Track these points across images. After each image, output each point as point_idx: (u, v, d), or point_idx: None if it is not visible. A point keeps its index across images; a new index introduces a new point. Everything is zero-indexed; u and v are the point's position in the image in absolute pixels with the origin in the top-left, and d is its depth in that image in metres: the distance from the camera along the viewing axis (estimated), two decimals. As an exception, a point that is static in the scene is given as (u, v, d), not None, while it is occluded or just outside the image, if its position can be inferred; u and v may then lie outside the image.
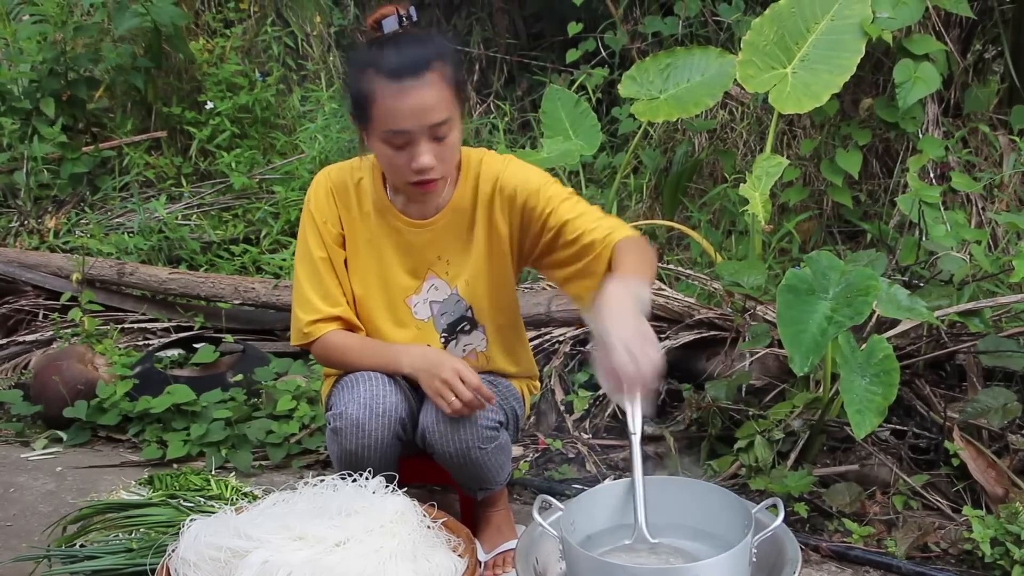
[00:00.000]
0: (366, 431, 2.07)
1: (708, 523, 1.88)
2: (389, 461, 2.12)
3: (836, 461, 2.68)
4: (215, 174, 5.20)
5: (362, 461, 2.08)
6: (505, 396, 2.25)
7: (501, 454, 2.17)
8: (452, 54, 1.98)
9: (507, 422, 2.22)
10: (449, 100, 1.94)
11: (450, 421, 2.06)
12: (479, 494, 2.27)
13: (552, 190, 2.09)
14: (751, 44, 3.53)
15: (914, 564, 2.29)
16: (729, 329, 3.05)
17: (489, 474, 2.18)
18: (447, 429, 2.06)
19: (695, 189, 4.37)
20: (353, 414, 2.06)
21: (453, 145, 1.99)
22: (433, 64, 1.92)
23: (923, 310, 2.44)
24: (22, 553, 2.34)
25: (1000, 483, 2.45)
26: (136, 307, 3.98)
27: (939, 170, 3.82)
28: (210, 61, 5.49)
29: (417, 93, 1.90)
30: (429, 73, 1.91)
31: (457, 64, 1.99)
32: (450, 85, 1.95)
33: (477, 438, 2.08)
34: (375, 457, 2.09)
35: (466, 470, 2.14)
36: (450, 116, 1.95)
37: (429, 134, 1.94)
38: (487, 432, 2.09)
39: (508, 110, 5.42)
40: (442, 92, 1.93)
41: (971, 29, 4.04)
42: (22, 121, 5.07)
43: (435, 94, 1.92)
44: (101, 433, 3.24)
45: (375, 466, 2.05)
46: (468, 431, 2.07)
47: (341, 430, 2.08)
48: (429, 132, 1.94)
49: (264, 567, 1.70)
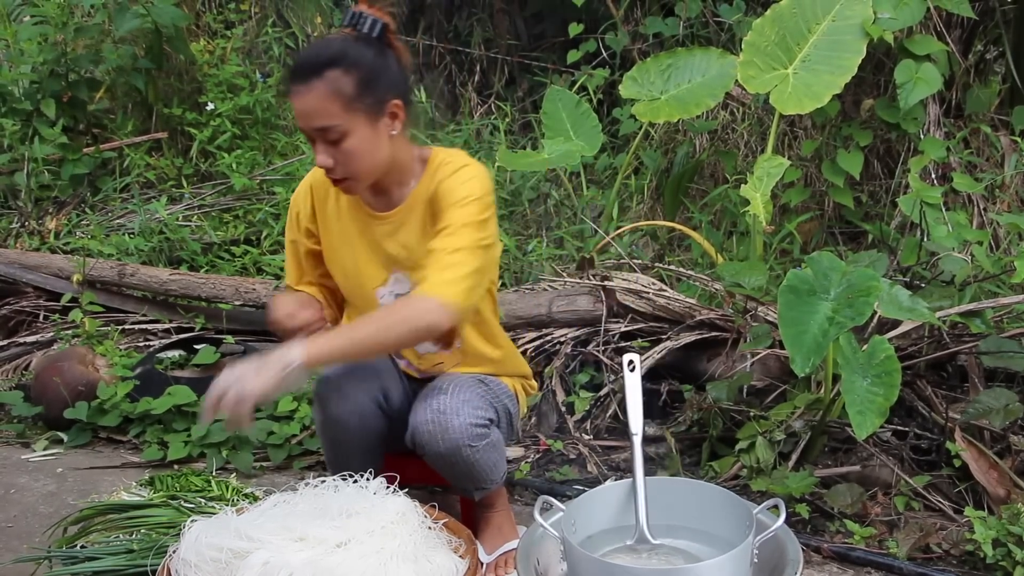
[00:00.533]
0: (346, 394, 2.15)
1: (709, 524, 1.88)
2: (369, 438, 2.18)
3: (837, 462, 2.67)
4: (216, 175, 5.20)
5: (341, 431, 2.16)
6: (497, 394, 2.25)
7: (493, 452, 2.17)
8: (360, 63, 2.00)
9: (498, 420, 2.23)
10: (337, 109, 1.98)
11: (439, 421, 2.07)
12: (476, 494, 2.26)
13: (454, 215, 2.05)
14: (752, 45, 3.53)
15: (915, 565, 2.29)
16: (730, 330, 3.05)
17: (482, 473, 2.17)
18: (436, 428, 2.07)
19: (696, 190, 4.37)
20: (335, 378, 2.17)
21: (351, 151, 2.02)
22: (324, 72, 1.97)
23: (924, 311, 2.44)
24: (23, 554, 2.34)
25: (1002, 484, 2.45)
26: (137, 308, 3.98)
27: (940, 171, 3.82)
28: (211, 62, 5.49)
29: (301, 98, 1.99)
30: (317, 80, 1.97)
31: (367, 74, 2.00)
32: (343, 94, 1.98)
33: (467, 436, 2.08)
34: (357, 426, 2.16)
35: (458, 469, 2.14)
36: (338, 124, 1.99)
37: (320, 137, 2.01)
38: (476, 429, 2.09)
39: (509, 111, 5.42)
40: (327, 100, 1.97)
41: (972, 29, 4.04)
42: (23, 122, 5.07)
43: (317, 102, 1.98)
44: (102, 434, 3.24)
45: (357, 439, 2.15)
46: (457, 429, 2.07)
47: (324, 395, 2.17)
48: (318, 135, 2.01)
49: (265, 568, 1.70)
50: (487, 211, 2.07)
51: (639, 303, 3.22)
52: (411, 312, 1.96)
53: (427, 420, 2.08)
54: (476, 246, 2.02)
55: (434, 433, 2.07)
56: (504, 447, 2.25)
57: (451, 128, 5.40)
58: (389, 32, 2.06)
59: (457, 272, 1.98)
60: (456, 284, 1.97)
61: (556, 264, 3.91)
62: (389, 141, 2.07)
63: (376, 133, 2.04)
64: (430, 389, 2.14)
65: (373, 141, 2.04)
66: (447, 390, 2.11)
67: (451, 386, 2.12)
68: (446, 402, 2.08)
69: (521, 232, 4.41)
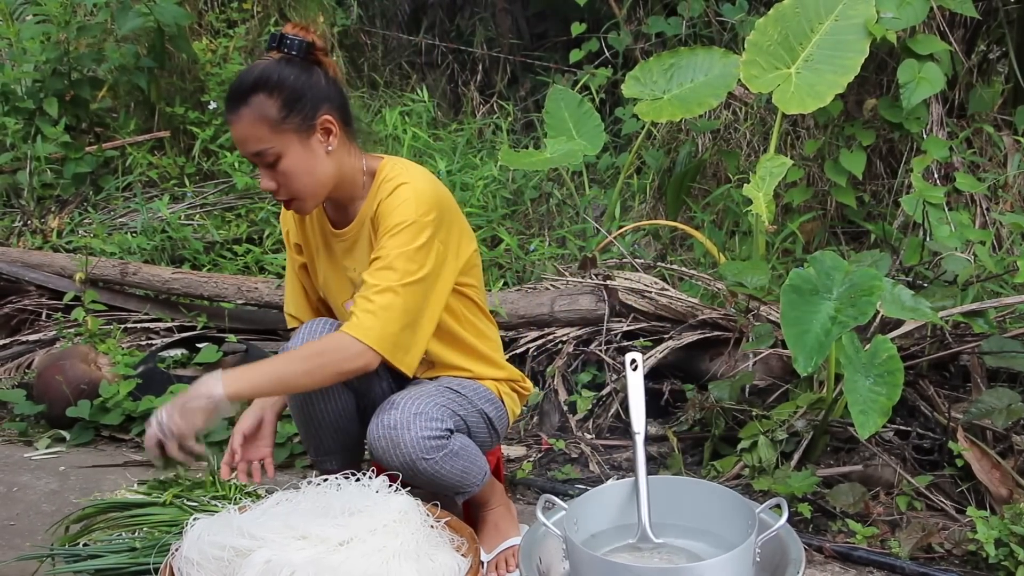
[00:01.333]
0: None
1: (712, 523, 1.88)
2: (337, 413, 2.22)
3: (840, 461, 2.67)
4: (218, 174, 5.20)
5: (315, 408, 2.20)
6: (470, 399, 2.20)
7: (457, 459, 2.09)
8: (283, 85, 2.00)
9: (467, 427, 2.18)
10: (266, 132, 2.00)
11: (389, 436, 2.02)
12: (458, 498, 2.21)
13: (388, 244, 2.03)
14: (755, 44, 3.53)
15: (918, 565, 2.29)
16: (732, 329, 3.05)
17: (448, 481, 2.10)
18: (388, 444, 2.02)
19: (698, 189, 4.37)
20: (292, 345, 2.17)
21: (288, 171, 2.03)
22: (249, 98, 1.99)
23: (927, 310, 2.43)
24: (25, 552, 2.35)
25: (1004, 484, 2.45)
26: (139, 307, 3.98)
27: (943, 170, 3.82)
28: (213, 61, 5.49)
29: (234, 126, 2.03)
30: (243, 108, 2.00)
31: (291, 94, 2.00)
32: (269, 117, 1.99)
33: (419, 449, 2.01)
34: (327, 407, 2.20)
35: (420, 480, 2.07)
36: (269, 147, 2.00)
37: (258, 161, 2.04)
38: (429, 442, 2.03)
39: (511, 110, 5.42)
40: (255, 125, 2.00)
41: (975, 29, 4.03)
42: (25, 121, 5.07)
43: (246, 128, 2.01)
44: (104, 433, 3.24)
45: (328, 418, 2.20)
46: (408, 444, 2.01)
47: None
48: (256, 160, 2.04)
49: (267, 566, 1.70)
50: (422, 234, 2.02)
51: (641, 302, 3.22)
52: (338, 356, 1.97)
53: (379, 436, 2.03)
54: (407, 282, 1.99)
55: (386, 449, 2.03)
56: (476, 452, 2.17)
57: (453, 127, 5.40)
58: (316, 50, 2.07)
59: (386, 316, 1.97)
60: (384, 327, 1.97)
61: (558, 263, 3.90)
62: (328, 157, 2.07)
63: (310, 151, 2.04)
64: (385, 404, 2.08)
65: (308, 160, 2.04)
66: (399, 404, 2.05)
67: (404, 400, 2.06)
68: (396, 417, 2.02)
69: (523, 231, 4.42)
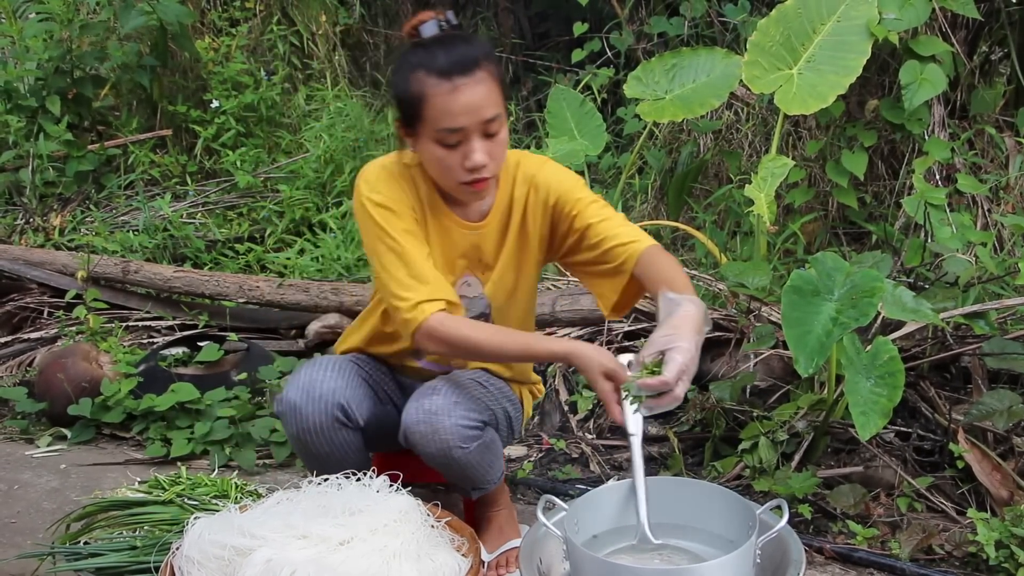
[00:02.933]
0: (303, 415, 2.10)
1: (712, 524, 1.88)
2: (343, 450, 2.14)
3: (840, 463, 2.67)
4: (220, 173, 5.21)
5: (310, 447, 2.12)
6: (496, 397, 2.22)
7: (487, 453, 2.15)
8: (494, 54, 2.04)
9: (496, 423, 2.20)
10: (498, 97, 1.99)
11: (429, 421, 2.05)
12: (473, 494, 2.25)
13: (581, 193, 2.13)
14: (757, 45, 3.53)
15: (918, 566, 2.29)
16: (734, 330, 3.05)
17: (476, 473, 2.15)
18: (427, 430, 2.05)
19: (700, 190, 4.37)
20: (290, 398, 2.11)
21: (503, 142, 2.03)
22: (482, 62, 1.97)
23: (928, 312, 2.43)
24: (26, 550, 2.35)
25: (1005, 485, 2.45)
26: (141, 305, 3.98)
27: (945, 172, 3.81)
28: (215, 60, 5.49)
29: (470, 90, 1.94)
30: (479, 71, 1.95)
31: (499, 64, 2.04)
32: (497, 82, 2.00)
33: (457, 437, 2.05)
34: (321, 443, 2.12)
35: (452, 470, 2.12)
36: (500, 112, 1.99)
37: (481, 130, 1.97)
38: (467, 431, 2.06)
39: (513, 110, 5.42)
40: (492, 89, 1.98)
41: (978, 30, 4.03)
42: (28, 119, 5.08)
43: (486, 90, 1.96)
44: (105, 431, 3.25)
45: (327, 454, 2.11)
46: (447, 431, 2.04)
47: (283, 414, 2.13)
48: (482, 128, 1.97)
49: (268, 565, 1.70)
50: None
51: (642, 303, 3.22)
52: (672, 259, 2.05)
53: (418, 421, 2.05)
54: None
55: (425, 434, 2.05)
56: (501, 448, 2.24)
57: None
58: None
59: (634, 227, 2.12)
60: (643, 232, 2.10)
61: (560, 263, 3.90)
62: None
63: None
64: (424, 388, 2.11)
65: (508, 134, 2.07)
66: (440, 390, 2.08)
67: (444, 387, 2.10)
68: (438, 403, 2.05)
69: (525, 231, 4.41)
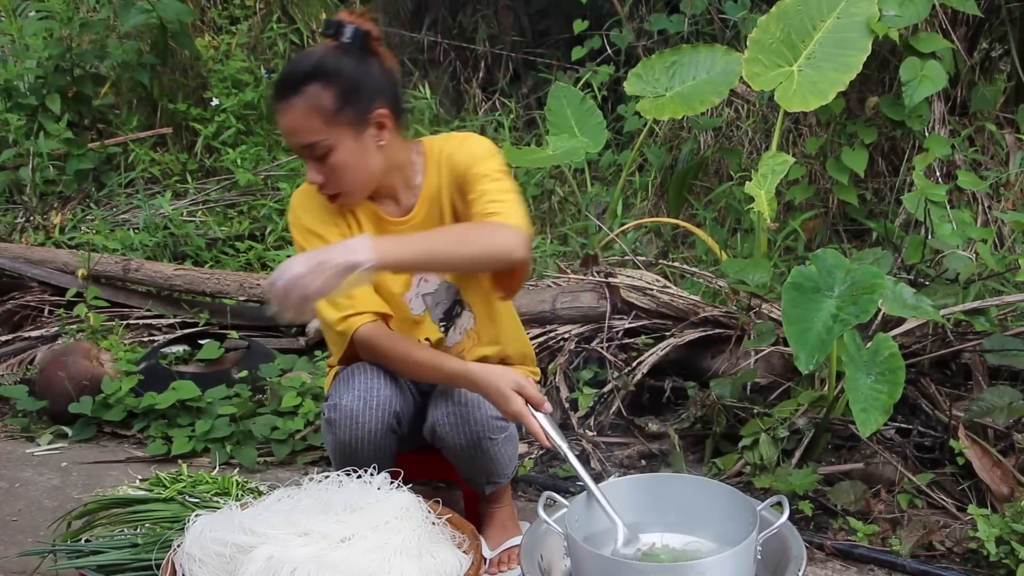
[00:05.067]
0: (360, 422, 2.09)
1: (713, 520, 1.88)
2: (383, 455, 2.13)
3: (841, 459, 2.67)
4: (220, 171, 5.20)
5: (356, 453, 2.10)
6: None
7: (510, 445, 2.20)
8: (340, 75, 1.95)
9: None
10: (319, 124, 1.95)
11: (459, 413, 2.09)
12: (487, 488, 2.27)
13: (482, 166, 2.07)
14: (757, 42, 3.52)
15: (918, 563, 2.29)
16: (734, 327, 3.05)
17: (498, 466, 2.19)
18: (458, 421, 2.09)
19: (700, 187, 4.37)
20: (347, 405, 2.09)
21: (339, 166, 1.99)
22: (303, 87, 1.94)
23: (929, 308, 2.43)
24: (28, 548, 2.35)
25: (1005, 482, 2.45)
26: (141, 303, 3.98)
27: (945, 168, 3.81)
28: (216, 58, 5.49)
29: (283, 116, 1.97)
30: (296, 97, 1.94)
31: (347, 85, 1.96)
32: (323, 108, 1.94)
33: (488, 428, 2.10)
34: (368, 449, 2.10)
35: (476, 462, 2.15)
36: (322, 140, 1.96)
37: (307, 154, 1.98)
38: (497, 422, 2.11)
39: (513, 107, 5.42)
40: (308, 116, 1.94)
41: (978, 27, 4.03)
42: (28, 117, 5.07)
43: (298, 118, 1.95)
44: (106, 429, 3.24)
45: (368, 459, 2.07)
46: (478, 422, 2.09)
47: (336, 421, 2.10)
48: (304, 152, 1.99)
49: (269, 563, 1.70)
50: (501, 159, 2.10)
51: (643, 300, 3.22)
52: (493, 235, 1.92)
53: (449, 412, 2.09)
54: (517, 191, 2.06)
55: (456, 425, 2.09)
56: (517, 443, 2.27)
57: (455, 124, 5.40)
58: (372, 39, 2.02)
59: (519, 208, 1.99)
60: (521, 215, 1.98)
61: (560, 261, 3.91)
62: (378, 152, 2.04)
63: (362, 145, 2.01)
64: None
65: (360, 154, 2.01)
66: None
67: None
68: (467, 395, 2.09)
69: (525, 229, 4.41)
